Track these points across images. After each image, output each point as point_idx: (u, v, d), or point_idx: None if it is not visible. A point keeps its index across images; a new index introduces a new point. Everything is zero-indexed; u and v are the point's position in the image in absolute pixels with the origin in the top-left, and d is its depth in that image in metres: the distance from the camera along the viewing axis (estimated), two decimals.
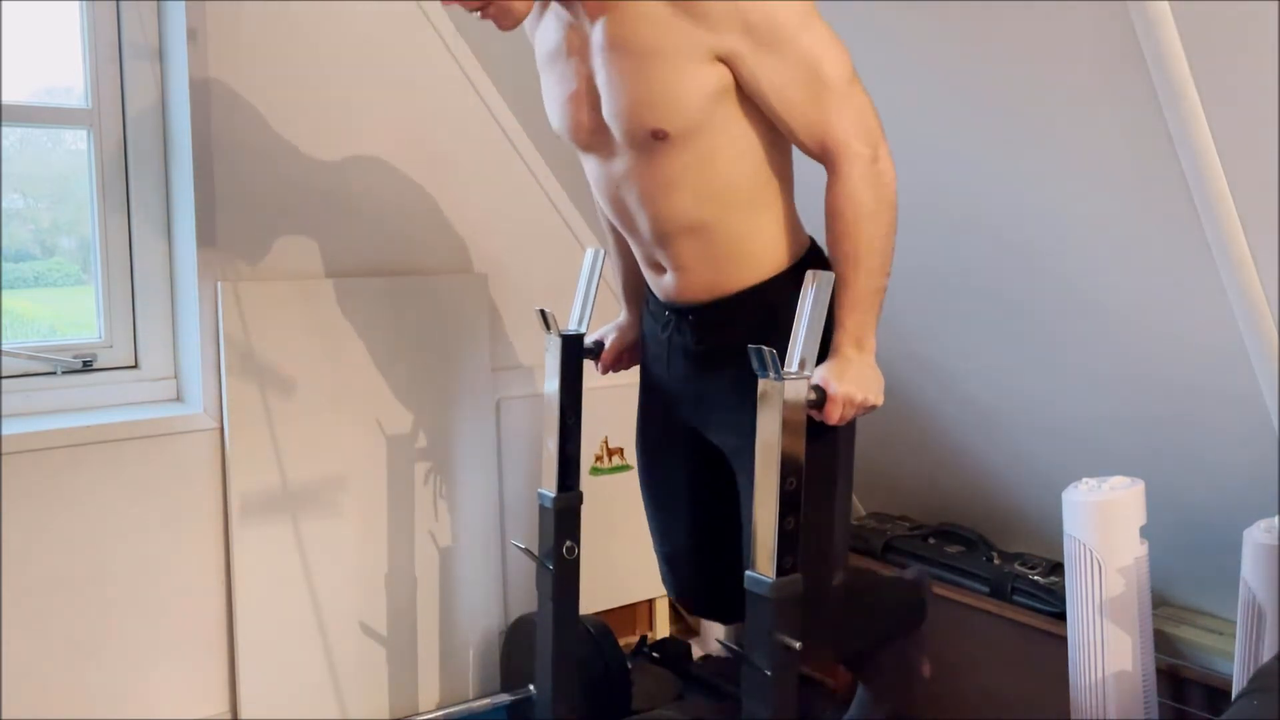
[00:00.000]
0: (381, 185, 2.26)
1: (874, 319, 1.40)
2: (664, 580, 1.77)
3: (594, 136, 1.48)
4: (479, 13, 1.42)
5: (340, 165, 2.21)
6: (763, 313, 1.47)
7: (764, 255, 1.48)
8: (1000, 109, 1.63)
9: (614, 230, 1.77)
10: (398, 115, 2.27)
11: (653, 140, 1.40)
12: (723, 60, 1.35)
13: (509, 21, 1.43)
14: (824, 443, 1.47)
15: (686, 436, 1.61)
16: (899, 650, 1.91)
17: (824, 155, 1.37)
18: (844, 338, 1.39)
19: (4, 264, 2.04)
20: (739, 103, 1.39)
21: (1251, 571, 1.61)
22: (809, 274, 1.38)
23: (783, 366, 1.34)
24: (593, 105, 1.45)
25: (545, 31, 1.50)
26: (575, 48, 1.45)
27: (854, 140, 1.34)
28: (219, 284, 2.06)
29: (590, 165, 1.54)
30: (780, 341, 1.36)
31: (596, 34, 1.40)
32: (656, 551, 1.73)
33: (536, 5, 1.50)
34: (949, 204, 1.82)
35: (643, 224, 1.49)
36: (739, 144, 1.41)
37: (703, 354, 1.52)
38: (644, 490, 1.74)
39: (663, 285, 1.55)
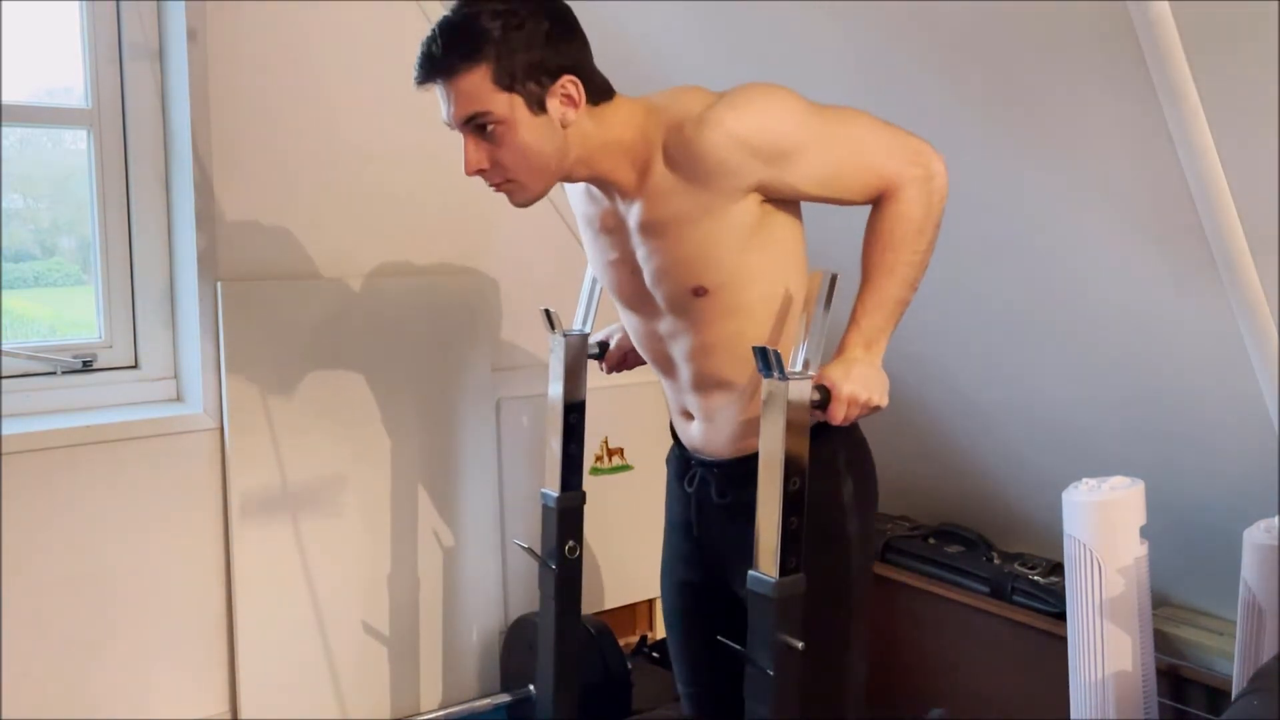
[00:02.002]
0: (381, 185, 2.26)
1: (891, 326, 1.40)
2: (686, 711, 1.75)
3: (637, 299, 1.50)
4: (495, 187, 1.44)
5: (340, 165, 2.21)
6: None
7: None
8: (1000, 109, 1.63)
9: None
10: (397, 115, 2.27)
11: (693, 298, 1.41)
12: (753, 189, 1.35)
13: (520, 199, 1.44)
14: (836, 572, 1.45)
15: (712, 583, 1.60)
16: None
17: (880, 197, 1.37)
18: (856, 337, 1.38)
19: (4, 264, 2.04)
20: (778, 213, 1.39)
21: (1251, 571, 1.62)
22: (813, 273, 1.38)
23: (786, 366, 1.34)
24: (633, 271, 1.47)
25: (580, 200, 1.51)
26: (611, 227, 1.46)
27: (905, 167, 1.35)
28: (219, 284, 2.05)
29: (631, 320, 1.56)
30: (814, 490, 1.37)
31: (632, 218, 1.42)
32: (680, 691, 1.73)
33: None
34: (949, 205, 1.82)
35: (683, 376, 1.52)
36: (772, 292, 1.42)
37: (726, 508, 1.53)
38: (668, 626, 1.73)
39: (690, 435, 1.56)
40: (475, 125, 1.38)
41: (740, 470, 1.49)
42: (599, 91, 1.39)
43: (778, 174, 1.34)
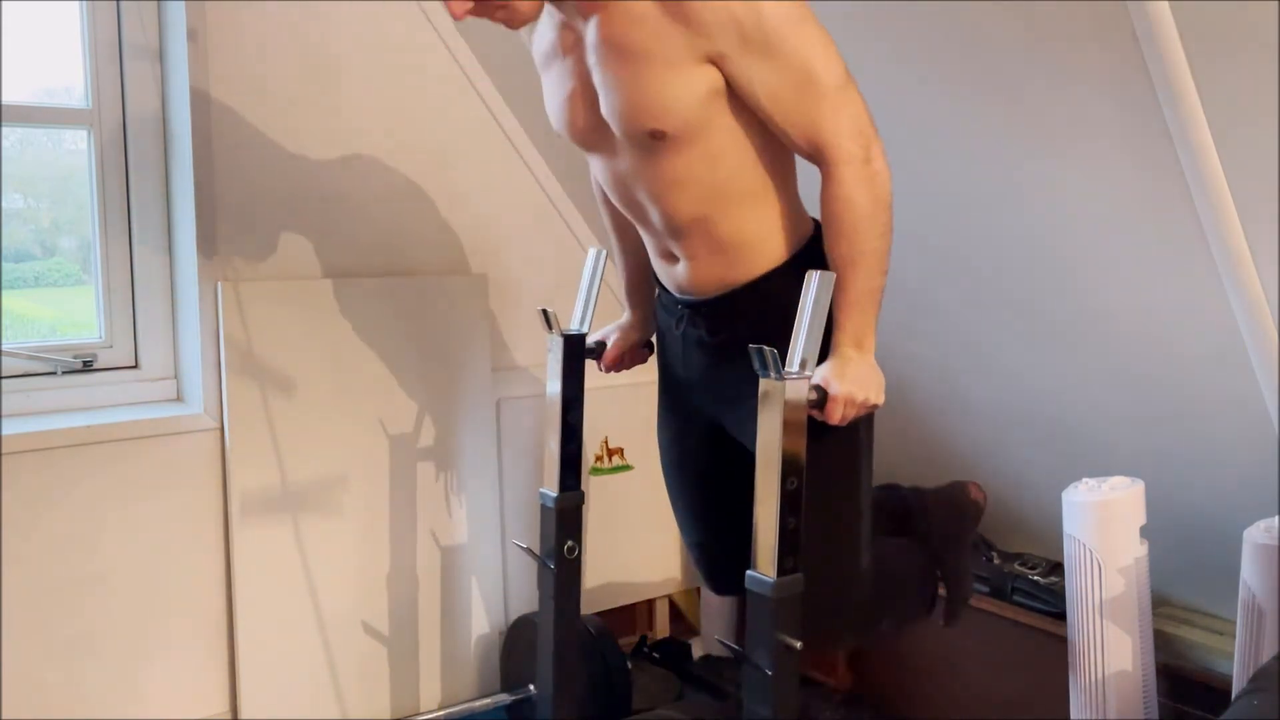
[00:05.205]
0: (382, 185, 2.26)
1: (873, 318, 1.40)
2: (695, 566, 1.78)
3: (593, 135, 1.48)
4: (491, 19, 1.42)
5: (341, 165, 2.21)
6: (771, 303, 1.47)
7: (769, 246, 1.49)
8: (1000, 109, 1.63)
9: (617, 230, 1.77)
10: (398, 115, 2.27)
11: (651, 140, 1.41)
12: (713, 62, 1.35)
13: (518, 21, 1.43)
14: (845, 438, 1.47)
15: (706, 428, 1.62)
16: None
17: (816, 156, 1.38)
18: (843, 338, 1.39)
19: (4, 264, 2.04)
20: (730, 102, 1.39)
21: (1251, 571, 1.61)
22: (809, 274, 1.38)
23: (784, 366, 1.34)
24: (590, 104, 1.45)
25: (540, 32, 1.51)
26: (569, 46, 1.45)
27: (846, 141, 1.34)
28: (219, 284, 2.05)
29: (596, 164, 1.55)
30: (788, 332, 1.37)
31: (590, 33, 1.40)
32: (685, 540, 1.75)
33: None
34: (948, 206, 1.82)
35: (655, 217, 1.51)
36: (739, 140, 1.42)
37: (716, 346, 1.53)
38: (668, 480, 1.74)
39: (675, 276, 1.56)
40: None
41: (728, 306, 1.49)
42: None
43: (741, 58, 1.33)
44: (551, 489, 1.86)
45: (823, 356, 1.41)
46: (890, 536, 1.77)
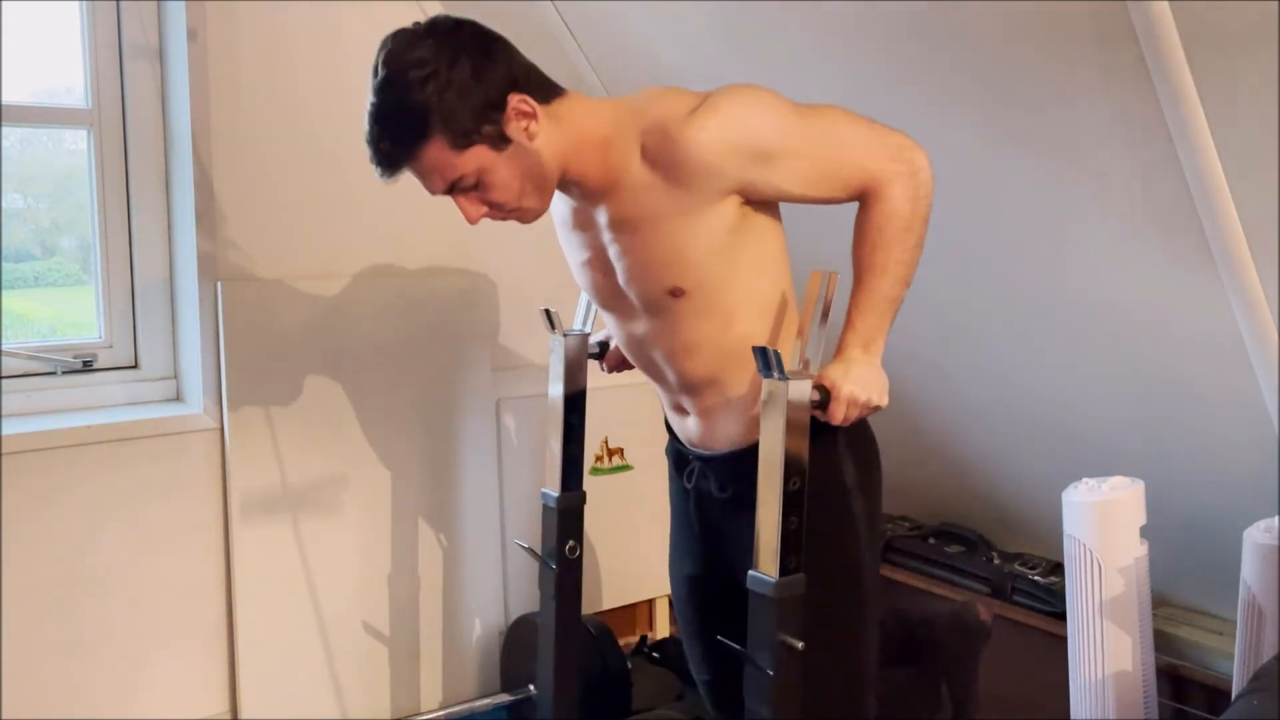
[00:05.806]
0: (382, 185, 2.25)
1: (887, 325, 1.40)
2: (704, 699, 1.77)
3: (611, 299, 1.50)
4: (501, 219, 1.45)
5: (340, 165, 2.20)
6: None
7: None
8: (999, 109, 1.63)
9: None
10: None
11: (670, 299, 1.41)
12: (733, 192, 1.35)
13: (529, 219, 1.45)
14: (846, 550, 1.46)
15: (717, 576, 1.61)
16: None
17: (865, 194, 1.37)
18: (853, 339, 1.39)
19: (4, 264, 2.04)
20: (746, 239, 1.39)
21: (1251, 571, 1.61)
22: (814, 274, 1.38)
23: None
24: (607, 272, 1.47)
25: (556, 199, 1.51)
26: (581, 224, 1.47)
27: (888, 164, 1.34)
28: (219, 284, 2.05)
29: (611, 322, 1.56)
30: (816, 474, 1.37)
31: (601, 217, 1.42)
32: (694, 675, 1.74)
33: None
34: (949, 206, 1.82)
35: (670, 376, 1.52)
36: (752, 297, 1.42)
37: (727, 501, 1.53)
38: (679, 618, 1.74)
39: (686, 429, 1.56)
40: (456, 189, 1.39)
41: (741, 464, 1.48)
42: (546, 89, 1.38)
43: (762, 175, 1.34)
44: (553, 489, 1.86)
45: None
46: (896, 664, 1.75)
